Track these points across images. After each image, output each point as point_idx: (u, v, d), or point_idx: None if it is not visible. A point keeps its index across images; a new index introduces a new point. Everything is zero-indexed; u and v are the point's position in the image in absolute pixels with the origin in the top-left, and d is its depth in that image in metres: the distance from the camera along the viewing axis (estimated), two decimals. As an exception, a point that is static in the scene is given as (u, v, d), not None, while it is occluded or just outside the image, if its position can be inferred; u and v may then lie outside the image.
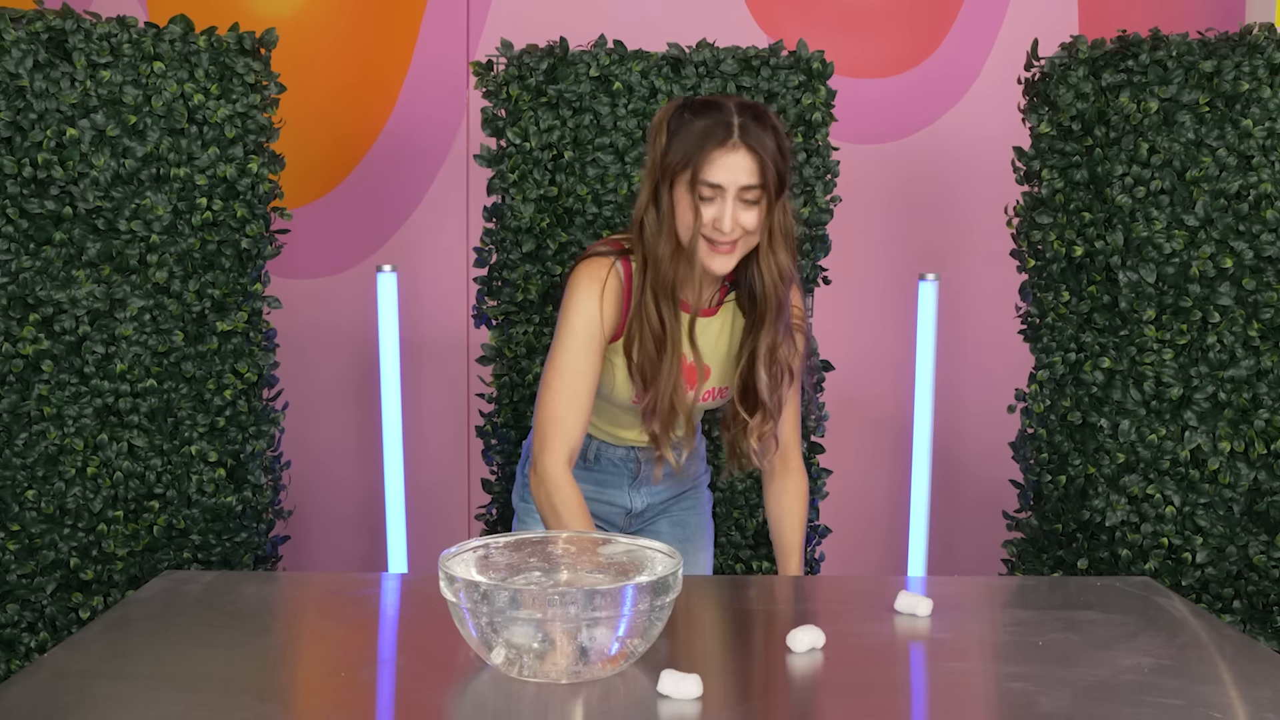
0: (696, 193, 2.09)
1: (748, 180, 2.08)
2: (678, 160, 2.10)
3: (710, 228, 2.10)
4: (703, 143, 2.08)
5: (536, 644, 1.52)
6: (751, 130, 2.09)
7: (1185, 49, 2.92)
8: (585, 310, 2.20)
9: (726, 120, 2.09)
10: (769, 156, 2.08)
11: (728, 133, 2.08)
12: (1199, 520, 2.97)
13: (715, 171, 2.07)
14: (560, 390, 2.20)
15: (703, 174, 2.08)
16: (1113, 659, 1.69)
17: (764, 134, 2.10)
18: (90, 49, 2.84)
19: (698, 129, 2.10)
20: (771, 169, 2.09)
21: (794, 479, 2.44)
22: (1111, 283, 3.00)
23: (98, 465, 2.94)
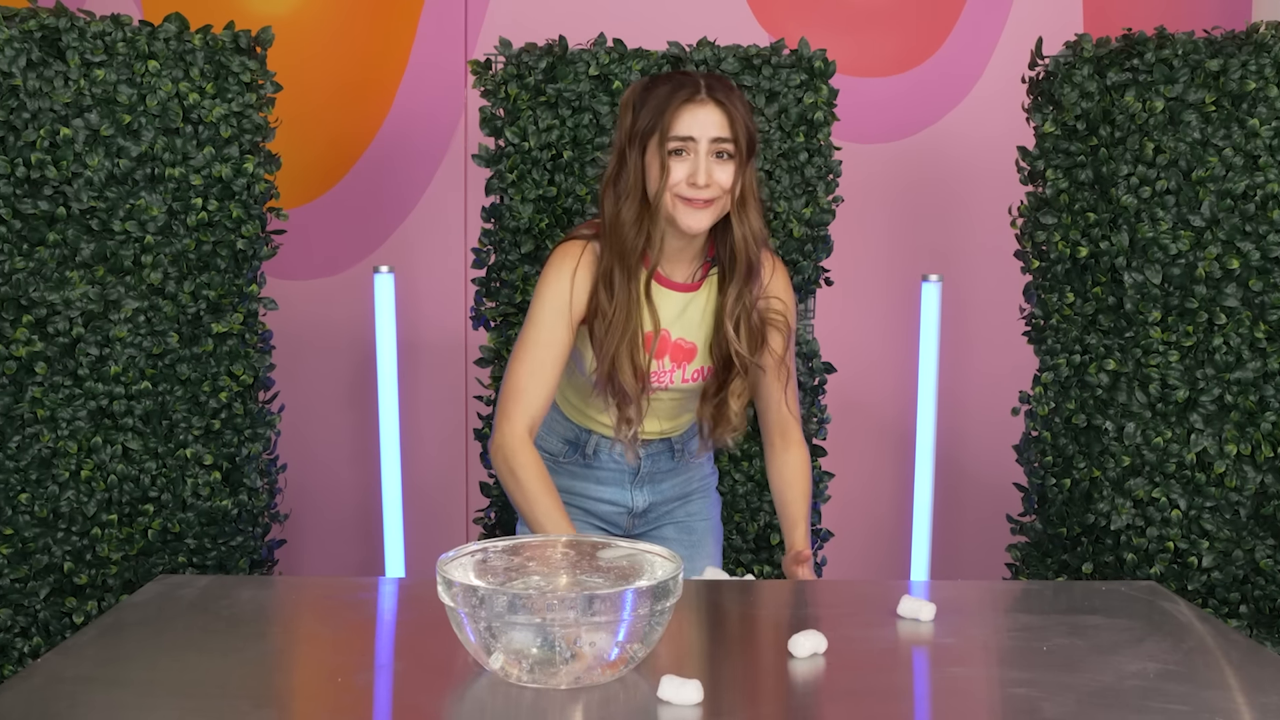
0: (665, 149, 2.12)
1: (719, 132, 2.13)
2: (646, 124, 2.15)
3: (684, 184, 2.14)
4: (670, 100, 2.14)
5: (535, 649, 1.52)
6: (718, 88, 2.16)
7: (1191, 47, 2.92)
8: (556, 287, 2.24)
9: (693, 79, 2.16)
10: (739, 114, 2.14)
11: (695, 89, 2.14)
12: (1205, 524, 2.97)
13: (685, 124, 2.13)
14: (525, 361, 2.23)
15: (672, 129, 2.13)
16: (1118, 664, 1.69)
17: (730, 93, 2.16)
18: (84, 47, 2.84)
19: (664, 90, 2.16)
20: (742, 125, 2.15)
21: (795, 451, 2.44)
22: (1117, 284, 3.00)
23: (92, 468, 2.94)
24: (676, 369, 2.32)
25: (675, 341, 2.31)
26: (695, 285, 2.31)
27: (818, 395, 3.16)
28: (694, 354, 2.32)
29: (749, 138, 2.16)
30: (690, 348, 2.31)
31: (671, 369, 2.32)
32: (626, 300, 2.22)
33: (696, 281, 2.31)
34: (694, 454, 2.52)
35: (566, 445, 2.46)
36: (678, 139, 2.12)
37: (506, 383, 2.25)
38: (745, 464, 3.12)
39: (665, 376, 2.33)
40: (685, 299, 2.30)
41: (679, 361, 2.32)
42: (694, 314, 2.31)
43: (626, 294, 2.22)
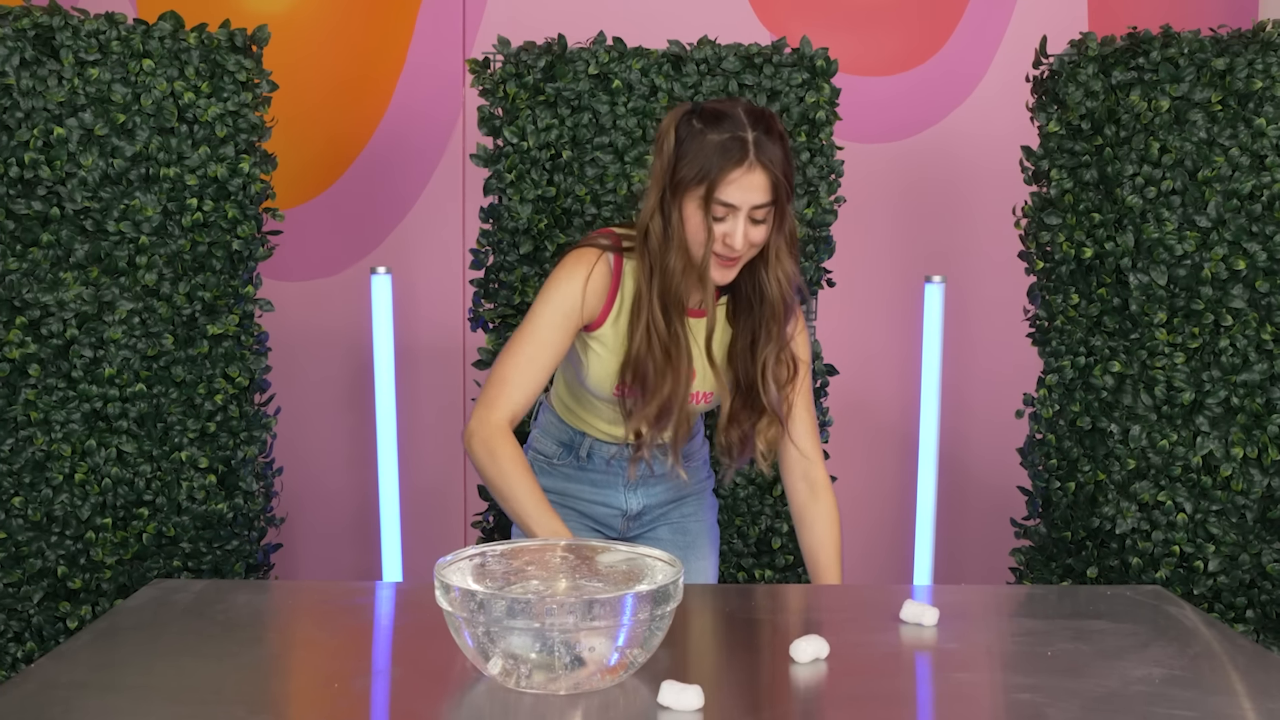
0: (710, 211, 2.11)
1: (760, 199, 2.11)
2: (691, 176, 2.11)
3: (720, 244, 2.12)
4: (719, 162, 2.09)
5: (534, 654, 1.52)
6: (765, 147, 2.10)
7: (1197, 46, 2.93)
8: (567, 290, 2.23)
9: (741, 137, 2.10)
10: (780, 172, 2.11)
11: (744, 152, 2.09)
12: (1211, 528, 2.97)
13: (731, 192, 2.09)
14: (517, 355, 2.22)
15: (718, 194, 2.09)
16: (1123, 670, 1.69)
17: (775, 147, 2.12)
18: (78, 46, 2.85)
19: (711, 145, 2.11)
20: (783, 183, 2.12)
21: (824, 500, 2.39)
22: (1122, 285, 3.00)
23: (86, 471, 2.95)
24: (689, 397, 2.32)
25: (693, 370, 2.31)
26: (704, 312, 2.31)
27: (820, 397, 3.17)
28: (694, 377, 2.32)
29: (788, 190, 2.15)
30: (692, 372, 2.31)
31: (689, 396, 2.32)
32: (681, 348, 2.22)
33: (704, 308, 2.31)
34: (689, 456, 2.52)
35: (560, 447, 2.46)
36: (721, 204, 2.11)
37: (494, 372, 2.24)
38: (746, 466, 3.12)
39: None
40: (693, 324, 2.30)
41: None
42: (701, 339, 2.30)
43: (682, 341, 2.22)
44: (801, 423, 2.37)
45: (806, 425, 2.38)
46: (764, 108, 2.18)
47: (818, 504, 2.39)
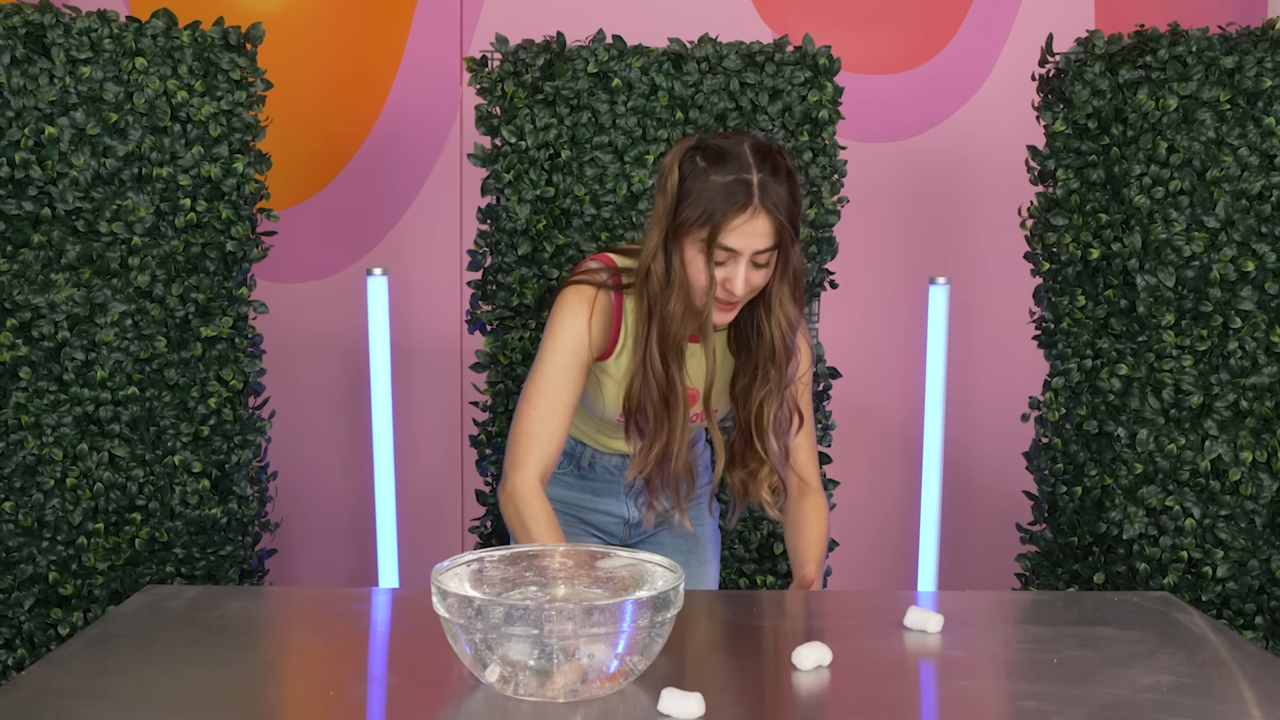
0: (712, 256, 2.09)
1: (763, 245, 2.08)
2: (694, 219, 2.08)
3: (720, 287, 2.11)
4: (722, 207, 2.07)
5: (532, 661, 1.52)
6: (770, 190, 2.07)
7: (1205, 44, 2.93)
8: (573, 329, 2.22)
9: (746, 180, 2.07)
10: (785, 216, 2.08)
11: (748, 197, 2.06)
12: (1220, 533, 2.97)
13: (734, 238, 2.07)
14: (538, 405, 2.20)
15: (720, 239, 2.07)
16: (1130, 677, 1.69)
17: (781, 189, 2.08)
18: (70, 44, 2.85)
19: (715, 188, 2.08)
20: (787, 228, 2.09)
21: (811, 498, 2.40)
22: (1129, 287, 3.00)
23: (77, 476, 2.95)
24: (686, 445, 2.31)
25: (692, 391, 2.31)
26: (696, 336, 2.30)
27: (822, 401, 3.17)
28: (694, 400, 2.31)
29: (793, 232, 2.12)
30: (693, 393, 2.30)
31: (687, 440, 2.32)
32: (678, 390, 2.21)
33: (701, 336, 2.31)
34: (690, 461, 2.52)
35: (562, 457, 2.46)
36: (723, 249, 2.10)
37: (517, 426, 2.21)
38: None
39: None
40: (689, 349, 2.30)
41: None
42: (697, 365, 2.30)
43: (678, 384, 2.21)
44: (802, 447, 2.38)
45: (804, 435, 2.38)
46: (771, 143, 2.14)
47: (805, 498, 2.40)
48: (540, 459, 2.19)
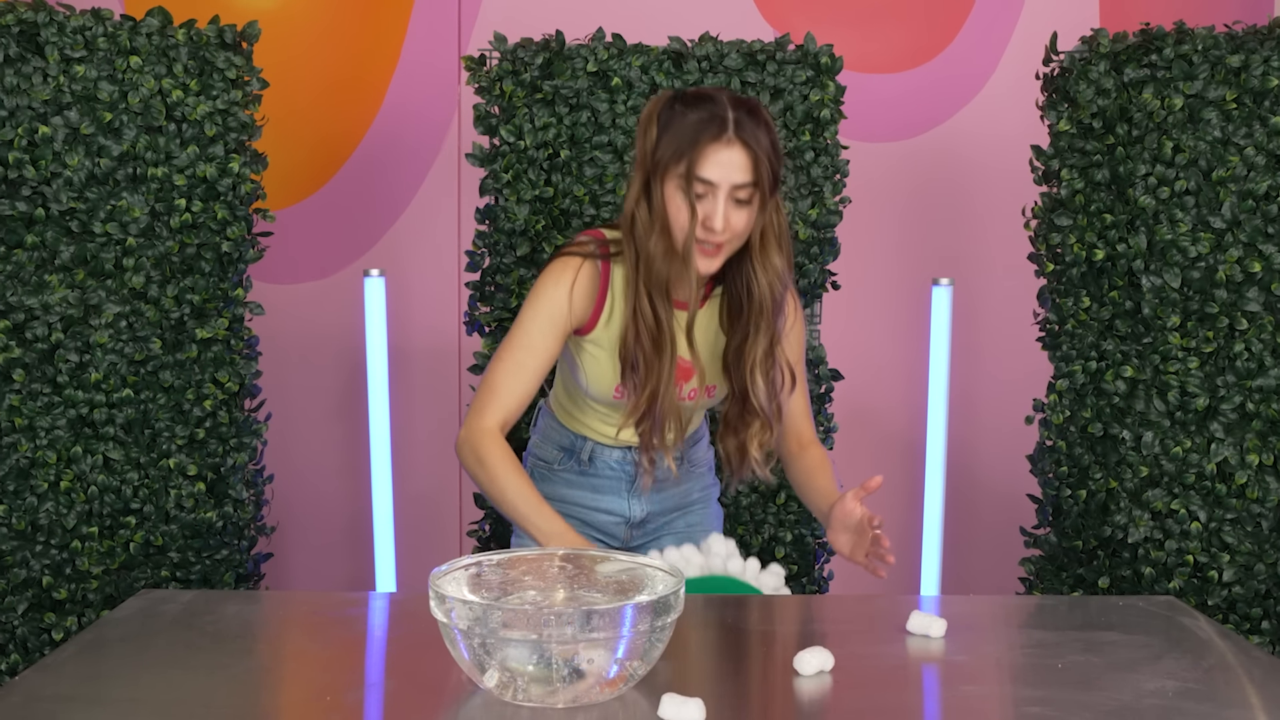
0: (691, 190, 2.11)
1: (741, 178, 2.11)
2: (669, 154, 2.13)
3: (701, 227, 2.13)
4: (696, 136, 2.12)
5: (531, 666, 1.52)
6: (746, 125, 2.12)
7: (1211, 43, 2.93)
8: (552, 295, 2.25)
9: (720, 114, 2.12)
10: (763, 153, 2.12)
11: (722, 127, 2.11)
12: (1226, 536, 2.97)
13: (709, 167, 2.10)
14: (506, 362, 2.25)
15: (696, 169, 2.11)
16: (1135, 682, 1.69)
17: (758, 130, 2.13)
18: (64, 42, 2.85)
19: (691, 122, 2.13)
20: (766, 165, 2.12)
21: (812, 449, 2.43)
22: (1134, 288, 3.00)
23: (71, 479, 2.95)
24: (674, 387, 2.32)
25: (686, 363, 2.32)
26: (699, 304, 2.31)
27: (824, 403, 3.17)
28: (691, 374, 2.32)
29: (772, 176, 2.15)
30: (687, 367, 2.31)
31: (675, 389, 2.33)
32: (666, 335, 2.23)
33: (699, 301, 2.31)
34: (695, 463, 2.53)
35: (562, 452, 2.47)
36: (700, 181, 2.12)
37: (484, 380, 2.27)
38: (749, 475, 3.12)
39: None
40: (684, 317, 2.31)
41: (677, 380, 2.32)
42: (694, 333, 2.30)
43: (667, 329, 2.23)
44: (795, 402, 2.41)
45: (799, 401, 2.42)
46: (751, 98, 2.19)
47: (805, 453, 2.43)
48: (500, 411, 2.23)
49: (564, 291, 2.25)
